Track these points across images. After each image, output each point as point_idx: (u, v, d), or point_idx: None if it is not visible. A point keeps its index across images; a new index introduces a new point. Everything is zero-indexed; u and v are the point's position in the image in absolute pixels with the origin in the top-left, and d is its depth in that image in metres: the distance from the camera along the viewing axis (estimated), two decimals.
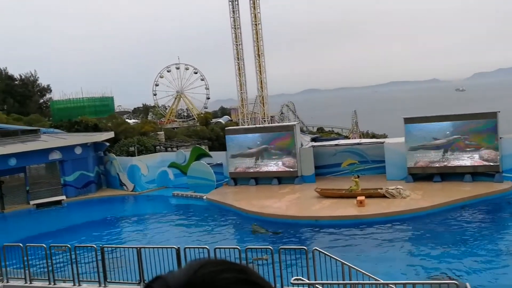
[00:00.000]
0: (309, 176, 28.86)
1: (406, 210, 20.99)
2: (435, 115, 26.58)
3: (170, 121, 77.89)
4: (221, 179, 30.63)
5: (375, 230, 19.25)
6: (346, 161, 29.70)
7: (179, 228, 23.36)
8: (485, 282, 13.69)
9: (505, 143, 24.57)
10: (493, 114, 24.69)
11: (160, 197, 31.08)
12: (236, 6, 60.98)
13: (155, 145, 39.18)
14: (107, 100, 55.61)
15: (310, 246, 13.75)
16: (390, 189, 22.86)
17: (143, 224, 25.32)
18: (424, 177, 25.99)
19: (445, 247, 16.71)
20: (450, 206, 21.50)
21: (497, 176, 24.29)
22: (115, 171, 33.75)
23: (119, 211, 28.88)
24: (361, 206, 21.62)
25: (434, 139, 25.46)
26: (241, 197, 26.81)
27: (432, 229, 19.26)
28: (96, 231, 23.82)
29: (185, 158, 32.12)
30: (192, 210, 27.16)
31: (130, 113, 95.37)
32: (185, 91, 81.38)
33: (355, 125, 78.41)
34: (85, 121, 42.40)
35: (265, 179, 29.74)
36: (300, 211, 22.62)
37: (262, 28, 59.12)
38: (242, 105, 61.44)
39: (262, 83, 59.90)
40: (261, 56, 58.90)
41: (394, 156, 26.91)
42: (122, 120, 53.84)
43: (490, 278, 13.94)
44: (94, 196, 32.49)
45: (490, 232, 18.61)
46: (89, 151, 33.18)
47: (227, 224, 23.20)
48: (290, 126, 29.94)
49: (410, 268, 15.16)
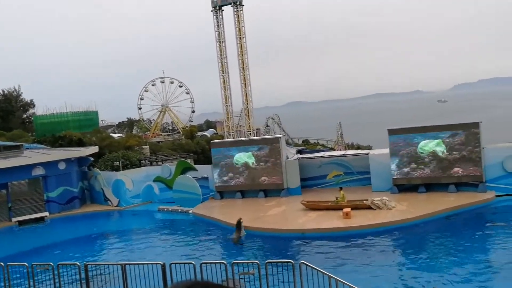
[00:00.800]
0: (295, 188, 28.85)
1: (392, 221, 21.04)
2: (418, 126, 26.81)
3: (155, 135, 77.57)
4: (207, 193, 30.48)
5: (361, 242, 19.24)
6: (331, 173, 29.77)
7: (165, 243, 23.11)
8: None
9: (488, 153, 24.84)
10: (476, 124, 24.99)
11: (145, 212, 30.78)
12: (220, 20, 61.28)
13: (140, 159, 38.93)
14: (91, 114, 55.20)
15: (297, 260, 13.69)
16: (376, 201, 22.93)
17: (128, 240, 25.00)
18: (409, 188, 26.14)
19: (432, 258, 16.76)
20: (435, 217, 21.63)
21: (480, 186, 24.53)
22: (99, 186, 33.39)
23: (104, 227, 28.50)
24: (347, 218, 21.63)
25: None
26: (228, 211, 26.66)
27: (418, 240, 19.32)
28: (80, 248, 23.45)
29: (170, 172, 31.92)
30: (178, 224, 26.94)
31: (115, 127, 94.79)
32: (170, 105, 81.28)
33: (340, 137, 78.89)
34: (69, 136, 42.03)
35: (251, 192, 29.66)
36: (286, 224, 22.55)
37: (247, 41, 59.42)
38: (227, 118, 61.47)
39: (247, 96, 60.05)
40: (246, 69, 59.14)
41: (379, 168, 27.04)
42: (107, 134, 53.48)
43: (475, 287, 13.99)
44: (78, 212, 32.06)
45: (474, 242, 18.72)
46: (73, 166, 32.81)
47: (213, 239, 23.03)
48: (276, 139, 29.96)
49: (398, 280, 15.15)
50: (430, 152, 25.45)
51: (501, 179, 24.57)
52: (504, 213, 22.03)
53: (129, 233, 26.39)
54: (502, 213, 22.09)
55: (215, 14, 61.37)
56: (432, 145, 25.42)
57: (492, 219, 21.77)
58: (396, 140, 26.23)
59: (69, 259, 19.56)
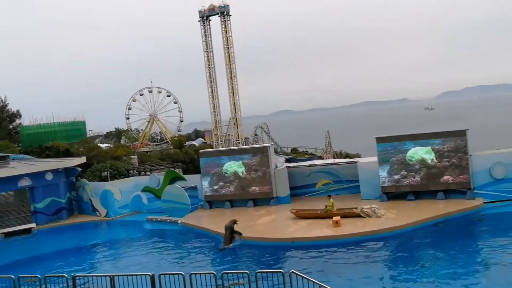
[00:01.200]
0: (284, 197, 28.83)
1: (381, 229, 21.08)
2: (406, 134, 26.97)
3: (143, 144, 77.32)
4: (195, 203, 30.33)
5: (351, 250, 19.23)
6: (320, 181, 29.82)
7: (153, 254, 22.90)
8: None
9: (476, 160, 25.05)
10: (463, 132, 25.21)
11: (134, 222, 30.53)
12: (208, 30, 61.42)
13: (128, 169, 38.69)
14: (79, 124, 54.89)
15: (287, 269, 13.62)
16: (365, 209, 22.98)
17: (117, 250, 24.74)
18: (398, 196, 26.25)
19: (422, 265, 16.78)
20: (424, 224, 21.71)
21: (468, 193, 24.70)
22: (87, 197, 33.09)
23: (92, 238, 28.18)
24: (336, 226, 21.64)
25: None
26: (217, 220, 26.53)
27: (408, 247, 19.34)
28: (68, 259, 23.14)
29: (158, 182, 31.74)
30: (167, 235, 26.73)
31: (103, 137, 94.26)
32: (158, 115, 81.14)
33: (328, 145, 79.21)
34: (56, 146, 41.69)
35: (240, 201, 29.57)
36: (276, 233, 22.48)
37: (234, 51, 59.57)
38: (216, 127, 61.44)
39: (235, 105, 60.10)
40: (234, 78, 59.25)
41: (368, 176, 27.13)
42: (94, 144, 53.11)
43: None
44: (65, 223, 31.74)
45: (463, 248, 18.79)
46: (61, 176, 32.52)
47: (203, 249, 22.86)
48: (264, 148, 29.97)
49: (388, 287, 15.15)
50: (419, 159, 25.60)
51: (489, 186, 24.76)
52: (492, 219, 22.17)
53: (117, 244, 26.13)
54: (490, 219, 22.22)
55: (202, 24, 61.51)
56: (421, 153, 25.58)
57: (481, 225, 21.90)
58: (384, 148, 26.36)
59: (56, 270, 19.30)
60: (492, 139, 71.68)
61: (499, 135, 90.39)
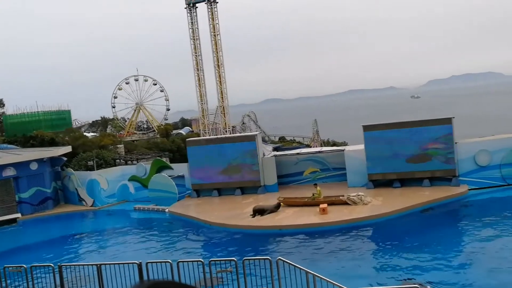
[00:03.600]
0: (272, 185, 28.88)
1: (368, 216, 21.23)
2: (393, 122, 27.10)
3: (129, 133, 76.73)
4: (183, 191, 30.26)
5: (338, 237, 19.36)
6: (308, 170, 29.90)
7: (141, 242, 22.84)
8: (447, 283, 13.94)
9: (461, 148, 25.28)
10: (448, 120, 25.39)
11: (121, 211, 30.41)
12: (194, 17, 60.83)
13: (114, 159, 38.44)
14: (64, 113, 54.24)
15: (275, 256, 13.66)
16: (352, 196, 23.11)
17: (104, 240, 24.65)
18: (384, 183, 26.43)
19: (408, 251, 16.95)
20: (410, 211, 21.92)
21: (454, 180, 24.95)
22: (73, 186, 32.85)
23: (78, 228, 28.06)
24: (324, 214, 21.75)
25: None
26: (204, 209, 26.54)
27: (394, 234, 19.52)
28: (54, 249, 23.00)
29: (145, 171, 31.60)
30: (154, 223, 26.67)
31: (88, 126, 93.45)
32: (145, 103, 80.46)
33: (315, 134, 79.37)
34: (41, 136, 41.21)
35: (228, 190, 29.56)
36: (263, 221, 22.53)
37: (221, 38, 59.16)
38: (203, 115, 61.15)
39: (222, 93, 59.82)
40: (221, 66, 58.89)
41: (355, 163, 27.26)
42: (80, 133, 52.64)
43: (451, 279, 14.20)
44: (51, 213, 31.50)
45: (449, 234, 19.04)
46: (46, 166, 32.20)
47: (190, 237, 22.88)
48: (252, 136, 29.91)
49: (375, 274, 15.29)
50: (405, 147, 25.73)
51: (474, 173, 25.04)
52: (476, 206, 22.46)
53: (104, 233, 26.03)
54: (475, 206, 22.51)
55: (189, 11, 60.90)
56: (406, 141, 25.69)
57: (466, 212, 22.18)
58: (371, 136, 26.47)
59: (42, 260, 19.16)
60: (476, 127, 72.39)
61: (483, 123, 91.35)
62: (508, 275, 13.98)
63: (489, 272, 14.33)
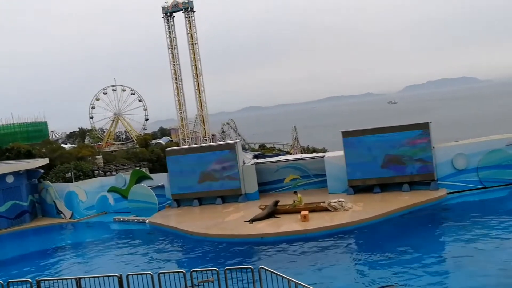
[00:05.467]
0: (252, 193, 28.84)
1: (349, 222, 21.31)
2: (371, 127, 27.34)
3: (108, 144, 76.00)
4: (163, 202, 30.01)
5: (320, 244, 19.37)
6: (288, 177, 29.96)
7: (121, 254, 22.50)
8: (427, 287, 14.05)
9: (439, 152, 25.61)
10: (426, 124, 25.71)
11: (100, 223, 30.00)
12: (172, 26, 60.74)
13: (93, 170, 37.93)
14: (40, 125, 53.40)
15: (256, 265, 13.59)
16: (333, 202, 23.20)
17: (83, 253, 24.25)
18: (364, 189, 26.61)
19: (389, 256, 17.03)
20: (391, 216, 22.09)
21: (432, 184, 25.23)
22: (51, 199, 32.31)
23: (57, 241, 27.55)
24: (305, 221, 21.77)
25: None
26: (185, 219, 26.34)
27: (374, 239, 19.62)
28: (32, 264, 22.51)
29: (125, 181, 31.26)
30: (134, 235, 26.34)
31: (65, 137, 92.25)
32: (123, 113, 79.84)
33: (295, 141, 79.62)
34: (17, 148, 40.42)
35: (208, 199, 29.41)
36: (245, 230, 22.43)
37: (199, 47, 59.14)
38: (182, 125, 60.91)
39: (201, 102, 59.73)
40: (199, 75, 58.85)
41: (335, 170, 27.39)
42: (57, 145, 51.86)
43: (431, 283, 14.30)
44: (28, 226, 30.92)
45: (428, 238, 19.20)
46: (22, 179, 31.64)
47: (171, 248, 22.64)
48: (232, 144, 29.86)
49: (357, 280, 15.31)
50: (384, 152, 25.94)
51: (452, 177, 25.40)
52: (455, 209, 22.74)
53: (84, 246, 25.61)
54: (454, 209, 22.79)
55: (166, 20, 60.80)
56: (385, 146, 25.91)
57: (445, 215, 22.42)
58: (350, 141, 26.64)
59: (20, 276, 18.74)
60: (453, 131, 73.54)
61: (460, 127, 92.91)
62: (487, 278, 14.13)
63: (468, 276, 14.47)
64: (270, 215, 23.38)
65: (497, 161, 24.91)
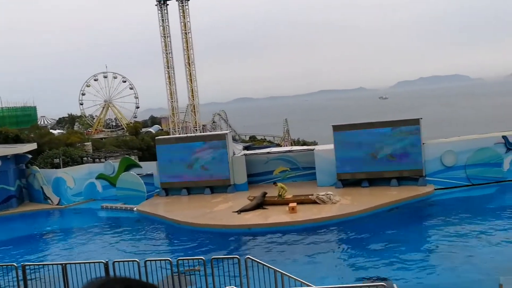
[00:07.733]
0: (241, 184, 28.83)
1: (336, 215, 21.42)
2: (361, 122, 27.41)
3: (97, 131, 75.60)
4: (152, 190, 29.92)
5: (307, 236, 19.46)
6: (278, 169, 29.97)
7: (108, 241, 22.47)
8: (413, 281, 14.18)
9: (428, 149, 25.75)
10: (416, 120, 25.83)
11: (88, 210, 29.86)
12: (165, 14, 60.28)
13: (82, 156, 37.71)
14: (30, 110, 53.01)
15: (244, 255, 13.63)
16: (321, 195, 23.27)
17: (70, 239, 24.16)
18: (353, 183, 26.71)
19: (375, 249, 17.17)
20: (378, 210, 22.22)
21: (420, 180, 25.40)
22: (38, 185, 32.08)
23: (44, 227, 27.40)
24: (293, 213, 21.84)
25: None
26: (173, 208, 26.31)
27: (361, 232, 19.73)
28: (18, 249, 22.40)
29: (113, 169, 31.10)
30: (122, 222, 26.30)
31: (54, 123, 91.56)
32: (114, 101, 79.35)
33: (286, 133, 79.66)
34: (5, 132, 40.07)
35: (197, 188, 29.36)
36: (233, 220, 22.47)
37: (192, 36, 58.79)
38: (173, 114, 60.65)
39: (193, 91, 59.48)
40: (192, 64, 58.54)
41: (324, 163, 27.46)
42: (46, 130, 51.49)
43: (417, 277, 14.46)
44: (15, 211, 30.69)
45: (415, 233, 19.40)
46: (10, 163, 31.34)
47: (158, 236, 22.64)
48: (222, 135, 29.79)
49: (343, 272, 15.43)
50: (373, 147, 26.05)
51: (440, 173, 25.56)
52: (442, 205, 22.94)
53: (71, 232, 25.53)
54: (440, 205, 22.99)
55: (159, 8, 60.32)
56: (374, 141, 26.01)
57: (431, 211, 22.62)
58: (340, 136, 26.71)
59: (4, 261, 18.65)
60: (443, 128, 73.99)
61: (450, 124, 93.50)
62: (472, 274, 14.30)
63: (454, 271, 14.64)
64: (258, 206, 23.43)
65: (485, 159, 25.11)
